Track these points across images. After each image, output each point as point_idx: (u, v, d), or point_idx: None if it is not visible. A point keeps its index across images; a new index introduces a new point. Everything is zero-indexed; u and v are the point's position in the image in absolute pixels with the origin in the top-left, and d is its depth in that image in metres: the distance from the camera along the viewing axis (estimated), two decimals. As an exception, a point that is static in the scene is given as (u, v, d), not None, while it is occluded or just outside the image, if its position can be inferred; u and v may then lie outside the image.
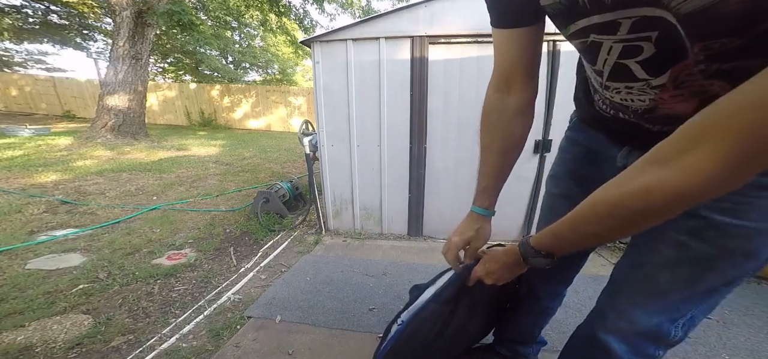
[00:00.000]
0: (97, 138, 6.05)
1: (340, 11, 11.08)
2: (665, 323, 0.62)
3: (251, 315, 1.58)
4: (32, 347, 1.35)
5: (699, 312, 0.62)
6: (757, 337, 1.47)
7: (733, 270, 0.54)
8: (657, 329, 0.62)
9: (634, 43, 0.45)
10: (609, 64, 0.51)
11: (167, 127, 10.76)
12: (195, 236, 2.52)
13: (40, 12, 11.82)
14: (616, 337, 0.67)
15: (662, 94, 0.49)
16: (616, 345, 0.67)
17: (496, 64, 0.69)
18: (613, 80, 0.54)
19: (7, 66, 14.82)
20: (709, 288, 0.57)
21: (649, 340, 0.64)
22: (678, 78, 0.45)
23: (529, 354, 1.17)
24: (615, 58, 0.49)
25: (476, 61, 2.14)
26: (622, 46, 0.47)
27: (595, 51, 0.51)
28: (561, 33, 0.55)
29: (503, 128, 0.73)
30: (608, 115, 0.64)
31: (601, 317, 0.72)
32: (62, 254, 2.15)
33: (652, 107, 0.52)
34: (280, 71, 17.38)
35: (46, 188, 3.44)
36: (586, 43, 0.51)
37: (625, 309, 0.65)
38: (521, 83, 0.68)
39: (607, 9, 0.43)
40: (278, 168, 5.10)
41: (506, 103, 0.71)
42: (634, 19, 0.42)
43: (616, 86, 0.55)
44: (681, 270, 0.57)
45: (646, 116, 0.55)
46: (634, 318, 0.64)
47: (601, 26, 0.46)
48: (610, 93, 0.58)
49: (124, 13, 5.99)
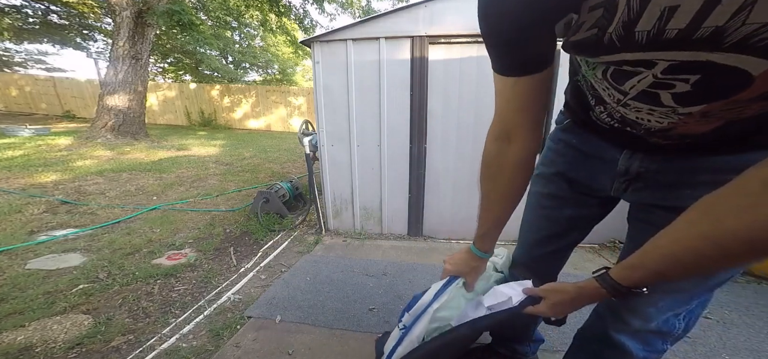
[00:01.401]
0: (97, 138, 6.05)
1: (340, 11, 11.09)
2: (672, 318, 0.63)
3: (251, 315, 1.58)
4: (32, 347, 1.35)
5: (698, 304, 0.63)
6: (757, 337, 1.47)
7: None
8: (666, 325, 0.64)
9: (668, 81, 0.42)
10: (637, 89, 0.47)
11: (167, 127, 10.76)
12: (195, 236, 2.52)
13: (40, 12, 11.83)
14: (629, 336, 0.68)
15: (687, 120, 0.46)
16: (630, 343, 0.67)
17: (497, 112, 0.61)
18: (637, 101, 0.49)
19: (7, 66, 14.83)
20: (717, 282, 0.58)
21: (660, 336, 0.66)
22: (709, 113, 0.43)
23: (527, 352, 1.17)
24: (645, 86, 0.45)
25: (476, 62, 2.14)
26: (654, 81, 0.43)
27: (625, 76, 0.46)
28: (591, 59, 0.50)
29: (503, 181, 0.67)
30: (608, 126, 0.62)
31: (613, 315, 0.71)
32: (62, 254, 2.15)
33: (669, 127, 0.50)
34: (280, 71, 17.38)
35: (46, 188, 3.44)
36: (609, 72, 0.48)
37: (640, 307, 0.65)
38: (523, 134, 0.60)
39: (638, 48, 0.39)
40: (278, 168, 5.10)
41: (506, 154, 0.63)
42: (672, 62, 0.39)
43: (637, 106, 0.50)
44: None
45: (659, 134, 0.52)
46: (649, 315, 0.64)
47: (634, 62, 0.42)
48: (625, 110, 0.53)
49: (124, 13, 5.99)
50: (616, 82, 0.48)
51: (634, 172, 0.62)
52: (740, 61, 0.35)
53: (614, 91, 0.51)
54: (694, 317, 0.65)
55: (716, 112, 0.43)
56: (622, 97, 0.51)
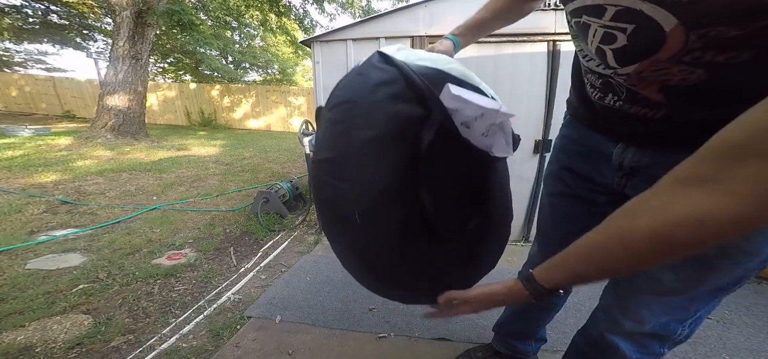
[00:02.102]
0: (97, 138, 6.05)
1: (340, 11, 11.08)
2: (673, 323, 0.62)
3: (251, 315, 1.58)
4: (32, 347, 1.35)
5: (705, 311, 0.62)
6: (757, 337, 1.47)
7: (736, 268, 0.54)
8: (664, 329, 0.63)
9: (612, 31, 0.47)
10: (593, 45, 0.53)
11: (167, 127, 10.75)
12: (195, 236, 2.52)
13: (40, 12, 11.83)
14: (622, 337, 0.67)
15: (629, 79, 0.52)
16: (624, 345, 0.67)
17: None
18: (597, 58, 0.56)
19: (7, 66, 14.80)
20: (715, 287, 0.57)
21: (656, 339, 0.65)
22: (642, 73, 0.48)
23: (528, 351, 1.17)
24: (597, 42, 0.51)
25: (476, 62, 2.14)
26: (604, 32, 0.48)
27: (585, 32, 0.53)
28: (565, 8, 0.57)
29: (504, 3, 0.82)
30: (598, 105, 0.64)
31: (607, 317, 0.71)
32: (62, 254, 2.15)
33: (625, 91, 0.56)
34: (280, 71, 17.37)
35: (46, 188, 3.44)
36: (579, 24, 0.53)
37: (632, 309, 0.65)
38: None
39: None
40: (278, 168, 5.10)
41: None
42: (618, 8, 0.44)
43: (599, 72, 0.58)
44: (684, 270, 0.57)
45: (627, 99, 0.57)
46: (641, 318, 0.64)
47: (591, 9, 0.48)
48: (593, 77, 0.60)
49: (124, 13, 5.99)
50: (584, 35, 0.54)
51: (627, 166, 0.62)
52: (655, 13, 0.40)
53: (582, 43, 0.57)
54: (700, 322, 0.64)
55: (648, 73, 0.47)
56: (588, 55, 0.57)
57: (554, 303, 1.06)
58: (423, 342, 1.42)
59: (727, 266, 0.54)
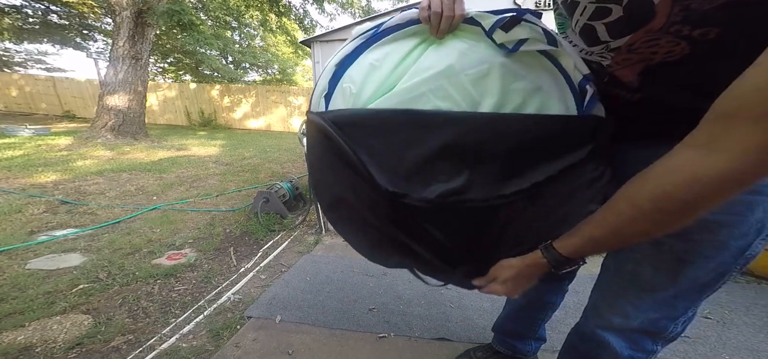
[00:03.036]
0: (97, 138, 6.05)
1: (340, 11, 11.07)
2: (663, 320, 0.62)
3: (251, 315, 1.58)
4: (32, 347, 1.35)
5: (694, 308, 0.63)
6: (757, 337, 1.47)
7: (707, 262, 0.55)
8: (654, 325, 0.63)
9: (605, 5, 0.48)
10: (579, 24, 0.54)
11: (167, 127, 10.76)
12: (195, 236, 2.52)
13: (40, 12, 11.83)
14: (612, 333, 0.68)
15: (617, 60, 0.54)
16: (615, 341, 0.67)
17: None
18: (581, 39, 0.58)
19: (7, 66, 14.81)
20: (696, 283, 0.58)
21: (647, 335, 0.65)
22: (633, 45, 0.50)
23: (528, 351, 1.17)
24: (586, 19, 0.52)
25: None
26: (595, 7, 0.50)
27: (572, 9, 0.54)
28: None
29: None
30: None
31: (595, 312, 0.72)
32: (62, 254, 2.15)
33: (605, 76, 0.58)
34: (280, 71, 17.37)
35: (46, 188, 3.44)
36: (567, 2, 0.55)
37: (617, 304, 0.66)
38: None
39: None
40: (278, 168, 5.10)
41: None
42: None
43: (582, 48, 0.59)
44: (661, 265, 0.58)
45: (608, 83, 0.59)
46: (627, 313, 0.64)
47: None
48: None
49: (124, 13, 5.99)
50: (570, 13, 0.55)
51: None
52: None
53: (567, 26, 0.59)
54: (692, 320, 0.65)
55: (638, 45, 0.49)
56: (572, 41, 0.59)
57: (551, 303, 1.06)
58: (423, 342, 1.42)
59: (699, 260, 0.55)
